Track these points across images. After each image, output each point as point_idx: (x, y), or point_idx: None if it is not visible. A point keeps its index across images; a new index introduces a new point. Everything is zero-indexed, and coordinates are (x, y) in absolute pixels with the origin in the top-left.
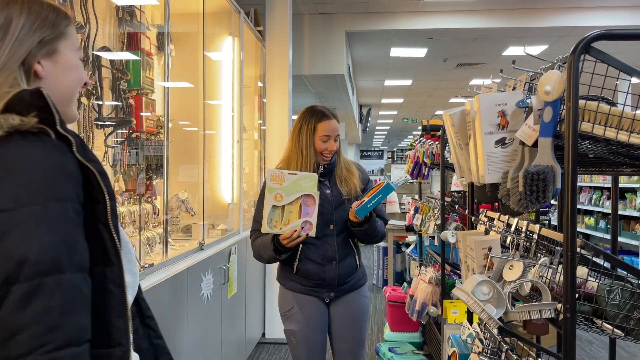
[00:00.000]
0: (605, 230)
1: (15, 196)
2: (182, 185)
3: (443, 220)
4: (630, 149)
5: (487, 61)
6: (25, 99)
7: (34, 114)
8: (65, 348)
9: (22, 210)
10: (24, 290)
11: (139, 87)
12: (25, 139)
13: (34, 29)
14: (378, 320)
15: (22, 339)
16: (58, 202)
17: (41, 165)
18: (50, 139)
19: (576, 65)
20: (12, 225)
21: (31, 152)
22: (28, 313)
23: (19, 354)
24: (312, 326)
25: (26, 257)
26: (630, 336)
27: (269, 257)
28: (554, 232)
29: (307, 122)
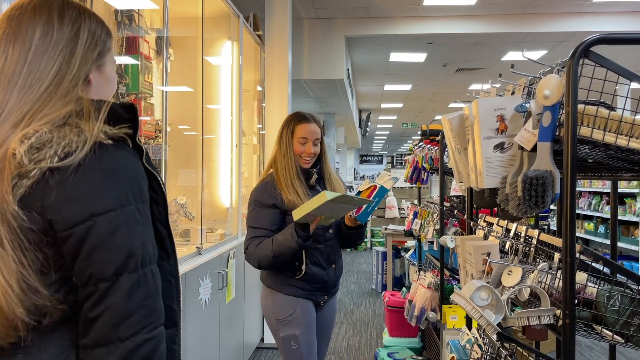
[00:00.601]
0: (604, 235)
1: (118, 198)
2: (180, 189)
3: (442, 225)
4: (629, 153)
5: (486, 66)
6: (117, 112)
7: (125, 126)
8: (159, 327)
9: (124, 210)
10: (132, 280)
11: (138, 91)
12: (116, 147)
13: (95, 43)
14: (377, 325)
15: (133, 321)
16: (143, 203)
17: (132, 170)
18: (129, 147)
19: (575, 70)
20: (120, 223)
21: (123, 159)
22: (136, 299)
23: (130, 334)
24: (312, 329)
25: (133, 251)
26: (630, 342)
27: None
28: (553, 237)
29: (287, 125)
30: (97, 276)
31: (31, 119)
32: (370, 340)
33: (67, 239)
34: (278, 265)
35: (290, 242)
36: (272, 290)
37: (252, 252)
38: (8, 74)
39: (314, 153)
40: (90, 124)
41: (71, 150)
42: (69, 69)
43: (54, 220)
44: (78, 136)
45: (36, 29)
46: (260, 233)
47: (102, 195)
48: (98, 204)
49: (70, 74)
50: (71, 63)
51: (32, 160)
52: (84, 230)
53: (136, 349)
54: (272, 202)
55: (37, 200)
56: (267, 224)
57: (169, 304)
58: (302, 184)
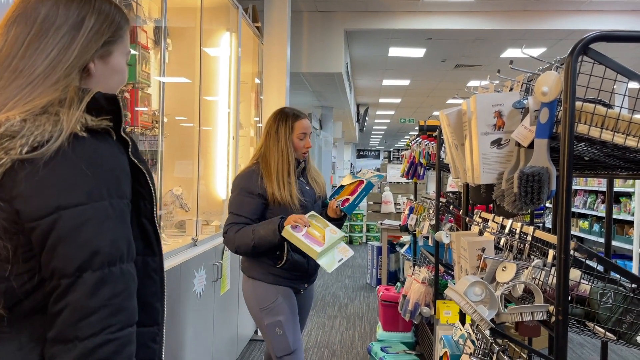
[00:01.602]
0: (599, 233)
1: (89, 192)
2: (176, 180)
3: (437, 221)
4: (626, 151)
5: (485, 63)
6: (100, 102)
7: (106, 118)
8: (126, 328)
9: (95, 205)
10: (96, 277)
11: (135, 81)
12: (96, 138)
13: (102, 31)
14: (371, 319)
15: (94, 320)
16: (120, 199)
17: (109, 164)
18: (112, 140)
19: (574, 66)
20: (87, 219)
21: (102, 153)
22: (99, 298)
23: (90, 334)
24: (295, 315)
25: (99, 249)
26: (622, 340)
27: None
28: (547, 234)
29: (284, 122)
30: (60, 271)
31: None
32: (364, 334)
33: (33, 231)
34: (256, 254)
35: (271, 238)
36: (254, 280)
37: (232, 238)
38: (4, 55)
39: (310, 146)
40: (70, 113)
41: (43, 140)
42: (66, 57)
43: (21, 210)
44: (54, 126)
45: (41, 10)
46: (240, 220)
47: (72, 189)
48: (66, 197)
49: (66, 62)
50: (69, 50)
51: (2, 149)
52: (49, 223)
53: (95, 349)
54: (257, 192)
55: (6, 190)
56: (249, 212)
57: (151, 302)
58: (296, 180)
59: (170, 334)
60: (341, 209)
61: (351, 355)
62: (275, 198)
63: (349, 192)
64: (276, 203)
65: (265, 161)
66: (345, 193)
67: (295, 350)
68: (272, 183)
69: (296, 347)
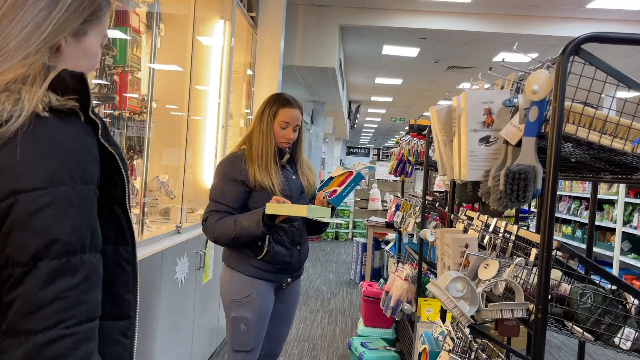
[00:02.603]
0: (581, 239)
1: (49, 176)
2: (163, 168)
3: (423, 219)
4: (611, 154)
5: (477, 65)
6: (66, 80)
7: (72, 97)
8: (85, 323)
9: (54, 190)
10: (51, 267)
11: (125, 64)
12: (60, 120)
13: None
14: (353, 314)
15: (47, 313)
16: (84, 184)
17: (73, 147)
18: (79, 121)
19: (565, 66)
20: (45, 204)
21: (65, 134)
22: (54, 289)
23: (43, 328)
24: (265, 314)
25: (57, 237)
26: (599, 341)
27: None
28: (530, 233)
29: (270, 106)
30: (14, 259)
31: None
32: (345, 329)
33: None
34: (235, 245)
35: (254, 230)
36: (232, 270)
37: (211, 227)
38: None
39: (292, 139)
40: (32, 91)
41: (2, 120)
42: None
43: None
44: (14, 105)
45: None
46: (221, 208)
47: (30, 172)
48: (23, 181)
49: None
50: (44, 25)
51: None
52: (5, 207)
53: (48, 344)
54: (240, 179)
55: None
56: (230, 200)
57: (121, 294)
58: (276, 165)
59: (149, 320)
60: (328, 200)
61: (331, 350)
62: (257, 181)
63: (338, 183)
64: (258, 187)
65: (249, 143)
66: (334, 184)
67: (253, 349)
68: (253, 166)
69: (254, 347)
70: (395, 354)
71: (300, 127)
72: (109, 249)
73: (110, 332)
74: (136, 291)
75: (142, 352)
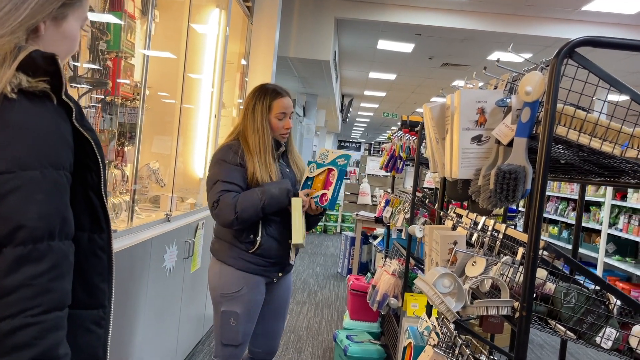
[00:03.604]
0: (567, 240)
1: (16, 159)
2: (153, 155)
3: (412, 215)
4: (601, 157)
5: (471, 63)
6: (36, 61)
7: (44, 79)
8: (52, 312)
9: (21, 175)
10: (16, 254)
11: (119, 50)
12: (31, 102)
13: None
14: (339, 307)
15: (11, 300)
16: (55, 169)
17: (43, 130)
18: (52, 104)
19: (559, 68)
20: (11, 189)
21: (35, 117)
22: (19, 276)
23: (6, 315)
24: (255, 309)
25: (23, 223)
26: (581, 339)
27: (275, 205)
28: (518, 232)
29: (262, 100)
30: None
31: None
32: (331, 321)
33: None
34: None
35: (283, 199)
36: (223, 264)
37: (229, 204)
38: None
39: (291, 127)
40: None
41: None
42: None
43: None
44: None
45: None
46: (232, 188)
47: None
48: None
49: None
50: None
51: None
52: None
53: (12, 332)
54: (239, 162)
55: None
56: (238, 180)
57: (96, 283)
58: (274, 161)
59: (137, 307)
60: (322, 206)
61: (317, 342)
62: (255, 177)
63: (322, 183)
64: (254, 183)
65: (244, 139)
66: (317, 186)
67: (242, 344)
68: (253, 162)
69: (243, 341)
70: (380, 348)
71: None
72: (83, 236)
73: (83, 321)
74: (111, 280)
75: (128, 339)
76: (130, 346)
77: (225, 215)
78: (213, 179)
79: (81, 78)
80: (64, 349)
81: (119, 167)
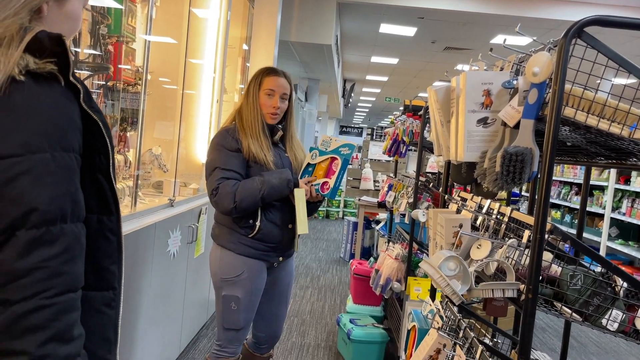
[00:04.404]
0: (570, 224)
1: (25, 142)
2: (156, 141)
3: (415, 199)
4: (608, 138)
5: (474, 47)
6: (43, 42)
7: (51, 60)
8: (65, 294)
9: (31, 158)
10: (29, 236)
11: (120, 34)
12: (37, 84)
13: None
14: (342, 292)
15: (25, 283)
16: (65, 152)
17: (51, 113)
18: (60, 86)
19: (567, 48)
20: (21, 172)
21: (43, 99)
22: (32, 259)
23: (21, 298)
24: (256, 293)
25: (35, 206)
26: (587, 322)
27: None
28: (524, 215)
29: (256, 77)
30: None
31: None
32: (334, 306)
33: None
34: (256, 207)
35: (284, 188)
36: (223, 249)
37: (229, 192)
38: None
39: (280, 108)
40: (8, 53)
41: None
42: None
43: None
44: None
45: None
46: (231, 175)
47: (4, 139)
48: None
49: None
50: None
51: None
52: None
53: (27, 315)
54: (237, 147)
55: None
56: (237, 167)
57: (105, 265)
58: (266, 139)
59: (141, 292)
60: (323, 195)
61: (320, 325)
62: (251, 151)
63: (324, 171)
64: (252, 160)
65: (239, 117)
66: (319, 173)
67: (243, 328)
68: (247, 139)
69: (245, 325)
70: (383, 331)
71: (289, 98)
72: (92, 218)
73: (94, 302)
74: (121, 262)
75: (133, 324)
76: (135, 330)
77: (224, 204)
78: (212, 166)
79: (82, 63)
80: (78, 330)
81: (122, 153)
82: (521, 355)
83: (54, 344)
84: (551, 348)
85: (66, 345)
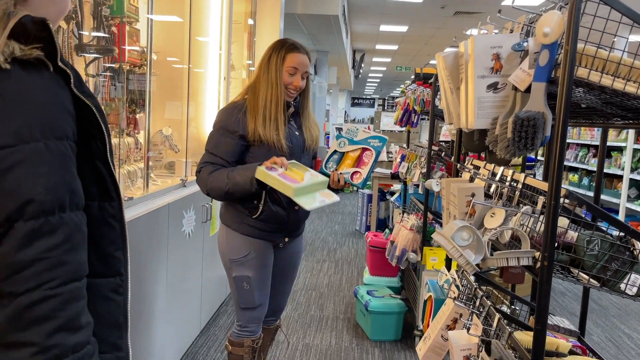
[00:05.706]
0: (588, 187)
1: (16, 132)
2: (166, 121)
3: (429, 169)
4: (624, 98)
5: (485, 10)
6: (27, 27)
7: (37, 46)
8: (69, 283)
9: (24, 147)
10: (28, 228)
11: (122, 15)
12: (25, 71)
13: None
14: (359, 264)
15: (27, 275)
16: (59, 140)
17: (42, 100)
18: (48, 72)
19: (578, 6)
20: (14, 163)
21: (32, 87)
22: (33, 250)
23: (25, 289)
24: (266, 270)
25: (31, 197)
26: (605, 287)
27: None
28: (538, 181)
29: (278, 52)
30: None
31: None
32: (351, 278)
33: None
34: (230, 199)
35: (248, 186)
36: (228, 229)
37: (204, 179)
38: None
39: (300, 87)
40: None
41: None
42: None
43: None
44: None
45: None
46: (216, 160)
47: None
48: None
49: None
50: None
51: None
52: None
53: (32, 306)
54: (239, 132)
55: None
56: (225, 154)
57: (110, 252)
58: (282, 117)
59: (157, 272)
60: (353, 184)
61: (338, 298)
62: (258, 135)
63: (354, 161)
64: (257, 142)
65: (254, 93)
66: (347, 163)
67: (260, 305)
68: (256, 119)
69: (261, 303)
70: (401, 302)
71: (307, 76)
72: (93, 206)
73: (101, 289)
74: (126, 248)
75: (151, 304)
76: (154, 311)
77: (201, 188)
78: (206, 144)
79: (87, 46)
80: (86, 318)
81: (132, 135)
82: (538, 323)
83: (62, 334)
84: (571, 312)
85: (74, 334)
